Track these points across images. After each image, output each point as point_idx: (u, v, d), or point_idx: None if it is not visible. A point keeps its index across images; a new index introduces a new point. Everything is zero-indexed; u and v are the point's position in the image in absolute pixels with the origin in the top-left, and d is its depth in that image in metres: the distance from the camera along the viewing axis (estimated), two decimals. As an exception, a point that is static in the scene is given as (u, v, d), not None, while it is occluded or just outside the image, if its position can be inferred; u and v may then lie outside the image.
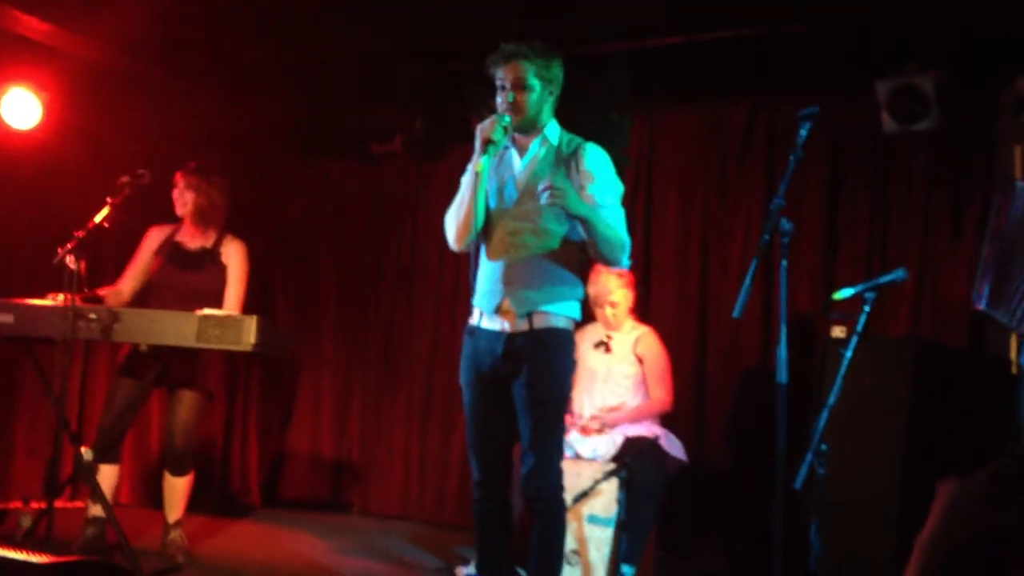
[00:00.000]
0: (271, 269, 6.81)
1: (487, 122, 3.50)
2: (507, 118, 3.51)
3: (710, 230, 5.73)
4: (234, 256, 4.88)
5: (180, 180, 4.86)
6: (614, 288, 4.92)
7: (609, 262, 3.62)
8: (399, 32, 5.46)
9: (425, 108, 6.21)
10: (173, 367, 4.60)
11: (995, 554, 1.80)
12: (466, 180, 3.63)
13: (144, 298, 4.84)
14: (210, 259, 4.85)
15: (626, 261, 3.60)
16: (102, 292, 4.70)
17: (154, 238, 4.95)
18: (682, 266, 5.77)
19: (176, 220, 4.93)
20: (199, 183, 4.84)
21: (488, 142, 3.47)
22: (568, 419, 4.85)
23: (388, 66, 5.87)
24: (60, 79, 5.72)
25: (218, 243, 4.89)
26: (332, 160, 6.89)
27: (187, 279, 4.77)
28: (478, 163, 3.48)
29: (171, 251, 4.86)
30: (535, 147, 3.65)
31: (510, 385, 3.56)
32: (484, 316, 3.62)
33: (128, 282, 4.88)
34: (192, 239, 4.88)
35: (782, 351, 3.29)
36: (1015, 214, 3.82)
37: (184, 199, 4.84)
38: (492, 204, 3.63)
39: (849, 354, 3.51)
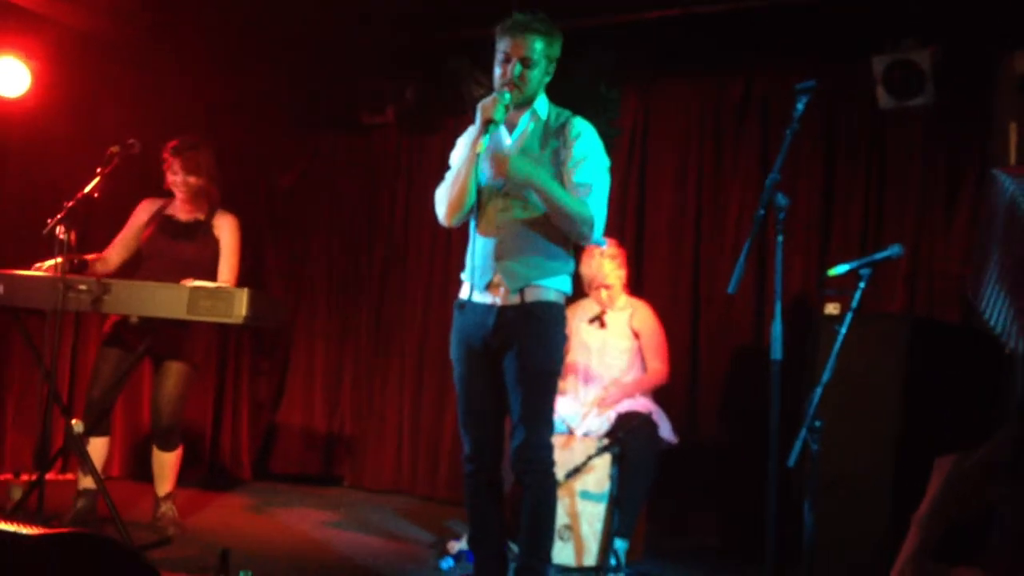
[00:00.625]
0: (262, 241, 6.77)
1: (488, 100, 3.45)
2: (508, 96, 3.46)
3: (704, 205, 5.71)
4: (226, 229, 4.84)
5: (174, 161, 4.76)
6: (608, 271, 4.92)
7: (576, 237, 3.54)
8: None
9: (417, 78, 6.17)
10: (160, 339, 4.57)
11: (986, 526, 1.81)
12: (461, 158, 3.59)
13: (134, 268, 4.79)
14: (202, 231, 4.81)
15: (596, 237, 3.53)
16: (89, 258, 4.67)
17: (145, 209, 4.91)
18: (676, 241, 5.75)
19: (167, 193, 4.89)
20: (195, 163, 4.77)
21: (489, 121, 3.42)
22: (562, 391, 4.85)
23: (380, 34, 5.82)
24: (49, 47, 5.66)
25: (210, 216, 4.85)
26: (324, 131, 6.84)
27: (179, 249, 4.73)
28: (479, 143, 3.43)
29: (163, 222, 4.82)
30: (524, 121, 3.62)
31: (501, 359, 3.55)
32: (475, 290, 3.60)
33: (116, 250, 4.84)
34: (184, 212, 4.84)
35: (776, 327, 3.27)
36: (993, 205, 3.80)
37: (179, 180, 4.76)
38: (482, 180, 3.59)
39: (844, 331, 3.50)
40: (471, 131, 3.61)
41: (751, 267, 5.28)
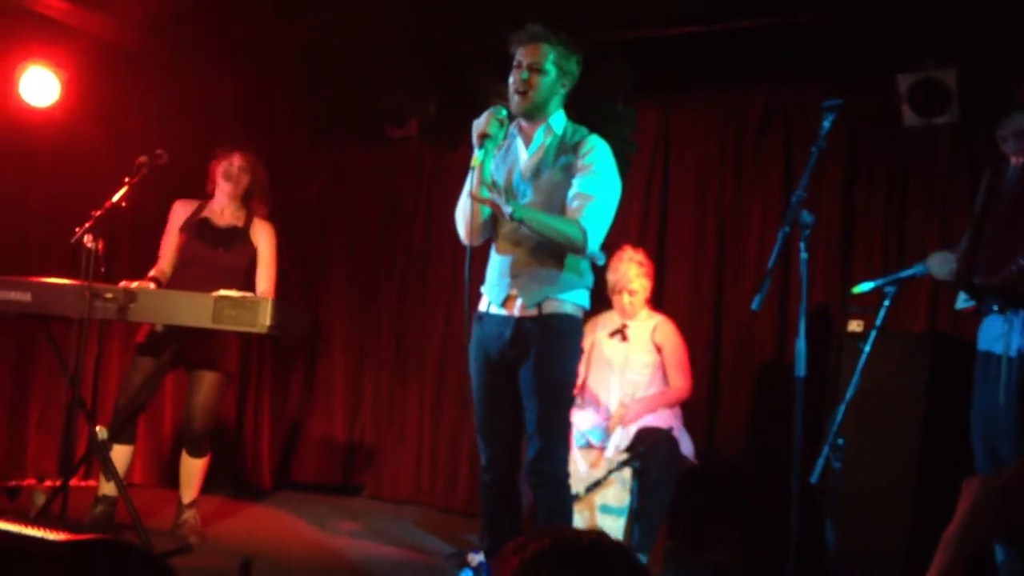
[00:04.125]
0: (284, 252, 6.77)
1: (482, 117, 3.50)
2: (503, 111, 3.50)
3: (726, 221, 5.70)
4: (264, 237, 4.89)
5: (233, 155, 4.82)
6: (633, 276, 4.92)
7: (571, 251, 3.55)
8: (415, 15, 5.44)
9: (440, 92, 6.20)
10: (192, 348, 4.61)
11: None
12: (470, 176, 3.63)
13: (172, 274, 4.84)
14: (240, 238, 4.85)
15: (592, 249, 3.53)
16: (150, 275, 4.74)
17: (180, 212, 4.93)
18: (697, 257, 5.74)
19: (200, 196, 4.92)
20: (254, 164, 4.85)
21: (484, 136, 3.45)
22: (584, 409, 4.85)
23: (404, 49, 5.85)
24: (78, 58, 5.72)
25: (248, 223, 4.88)
26: (347, 144, 6.86)
27: (217, 257, 4.77)
28: (475, 157, 3.46)
29: (200, 227, 4.84)
30: (540, 136, 3.65)
31: (517, 370, 3.57)
32: (492, 304, 3.63)
33: (167, 260, 4.88)
34: (221, 217, 4.87)
35: (800, 344, 3.27)
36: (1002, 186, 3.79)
37: (232, 175, 4.81)
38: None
39: (868, 348, 3.50)
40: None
41: (774, 283, 5.27)
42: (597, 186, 3.53)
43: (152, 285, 4.53)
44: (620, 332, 4.99)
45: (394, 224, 6.79)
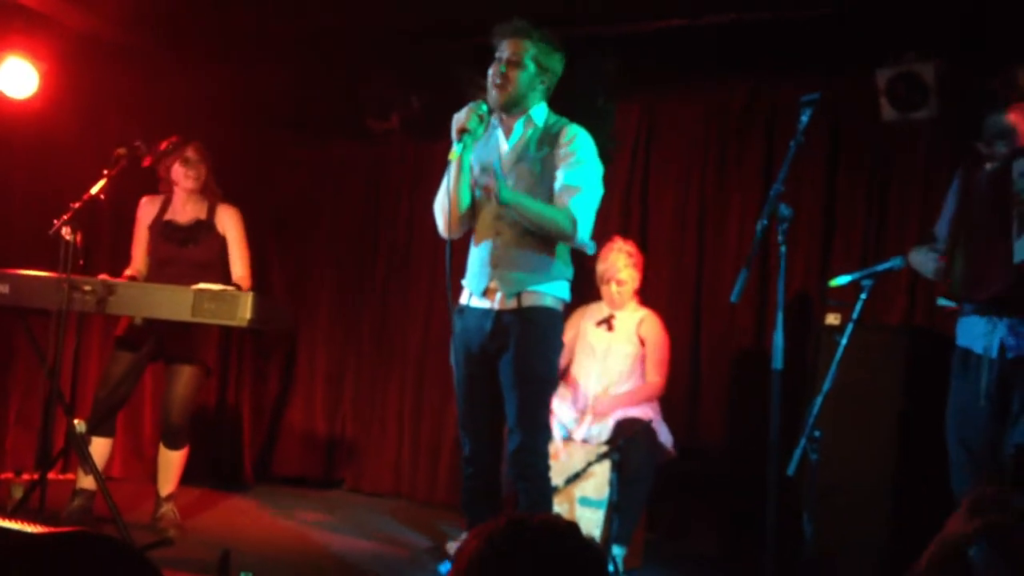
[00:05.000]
0: (267, 245, 6.78)
1: (462, 112, 3.52)
2: (483, 106, 3.53)
3: (707, 214, 5.72)
4: (230, 223, 4.87)
5: (186, 149, 4.81)
6: (622, 267, 4.95)
7: (560, 240, 3.60)
8: (398, 7, 5.43)
9: (422, 85, 6.19)
10: (171, 341, 4.60)
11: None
12: (448, 170, 3.64)
13: (148, 275, 4.86)
14: (206, 230, 4.84)
15: (582, 238, 3.57)
16: (127, 274, 4.75)
17: (146, 210, 4.94)
18: (678, 250, 5.76)
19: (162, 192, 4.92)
20: (204, 151, 4.85)
21: (463, 131, 3.47)
22: (561, 397, 4.87)
23: (387, 42, 5.84)
24: (57, 49, 5.67)
25: (211, 212, 4.87)
26: (329, 137, 6.86)
27: (188, 254, 4.76)
28: (452, 151, 3.48)
29: (165, 229, 4.84)
30: (519, 128, 3.67)
31: (498, 363, 3.58)
32: (473, 296, 3.64)
33: (140, 259, 4.91)
34: (183, 213, 4.86)
35: (778, 337, 3.28)
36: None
37: (196, 172, 4.80)
38: (477, 193, 3.65)
39: (844, 341, 3.52)
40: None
41: (753, 276, 5.29)
42: (583, 176, 3.55)
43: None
44: (607, 322, 5.02)
45: (377, 218, 6.78)
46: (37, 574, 1.94)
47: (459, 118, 3.50)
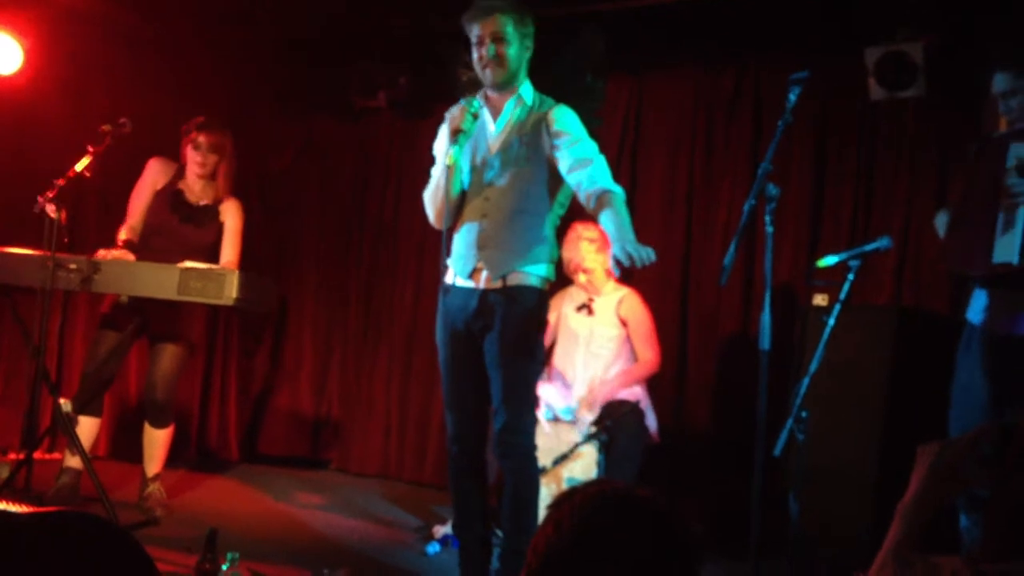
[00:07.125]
0: (252, 224, 6.71)
1: (456, 110, 3.51)
2: (476, 103, 3.52)
3: (695, 194, 5.71)
4: (231, 213, 4.84)
5: (199, 135, 4.73)
6: (586, 254, 4.89)
7: None
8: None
9: (408, 63, 6.15)
10: (155, 319, 4.58)
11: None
12: (439, 170, 3.62)
13: (140, 241, 4.76)
14: (210, 216, 4.80)
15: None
16: (121, 239, 4.65)
17: (158, 173, 4.83)
18: (666, 229, 5.75)
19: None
20: (220, 143, 4.76)
21: (458, 132, 3.45)
22: (550, 383, 4.86)
23: (374, 19, 5.80)
24: (42, 25, 5.63)
25: (219, 201, 4.83)
26: (316, 115, 6.81)
27: (186, 233, 4.72)
28: (449, 155, 3.46)
29: (174, 199, 4.77)
30: (510, 107, 3.64)
31: (482, 342, 3.57)
32: (459, 276, 3.63)
33: (138, 217, 4.77)
34: (193, 193, 4.81)
35: (766, 318, 3.29)
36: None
37: (199, 156, 4.75)
38: (465, 167, 3.63)
39: (832, 321, 3.52)
40: (444, 128, 3.62)
41: (740, 256, 5.28)
42: (589, 150, 3.55)
43: (132, 257, 4.45)
44: (586, 306, 4.97)
45: (363, 196, 6.75)
46: (23, 553, 1.93)
47: (454, 118, 3.49)
